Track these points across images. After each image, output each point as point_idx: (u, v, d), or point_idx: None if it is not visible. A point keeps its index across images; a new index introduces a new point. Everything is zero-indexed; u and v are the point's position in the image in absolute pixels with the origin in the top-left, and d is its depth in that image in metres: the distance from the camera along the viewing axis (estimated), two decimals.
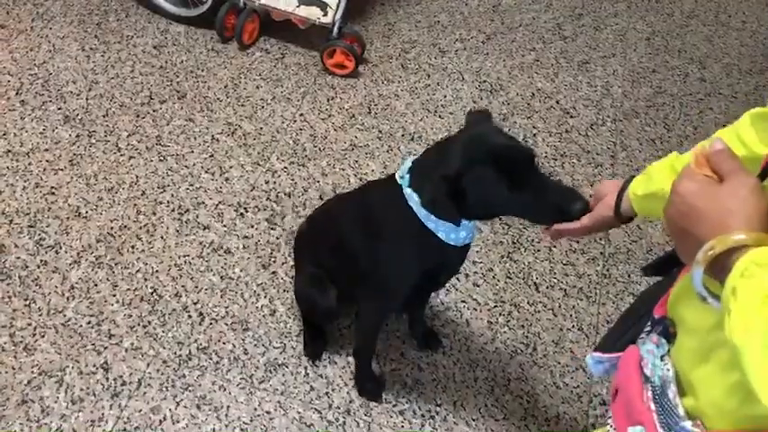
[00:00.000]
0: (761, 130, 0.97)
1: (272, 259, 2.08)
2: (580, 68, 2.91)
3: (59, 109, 2.48)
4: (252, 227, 2.17)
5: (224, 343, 1.88)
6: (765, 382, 0.60)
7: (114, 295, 1.96)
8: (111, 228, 2.13)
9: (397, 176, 1.40)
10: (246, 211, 2.21)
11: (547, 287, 2.09)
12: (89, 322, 1.89)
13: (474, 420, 1.78)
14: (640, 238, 2.26)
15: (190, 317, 1.93)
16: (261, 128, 2.49)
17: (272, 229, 2.17)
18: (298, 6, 2.69)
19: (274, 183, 2.30)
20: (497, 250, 2.17)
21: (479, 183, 1.24)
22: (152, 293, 1.97)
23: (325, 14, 2.67)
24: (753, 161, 0.94)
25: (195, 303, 1.96)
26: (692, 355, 0.81)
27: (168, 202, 2.22)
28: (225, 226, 2.16)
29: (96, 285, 1.98)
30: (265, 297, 1.99)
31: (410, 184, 1.36)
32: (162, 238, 2.11)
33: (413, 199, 1.35)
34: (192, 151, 2.39)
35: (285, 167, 2.36)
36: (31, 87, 2.55)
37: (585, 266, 2.16)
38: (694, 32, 3.20)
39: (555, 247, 2.21)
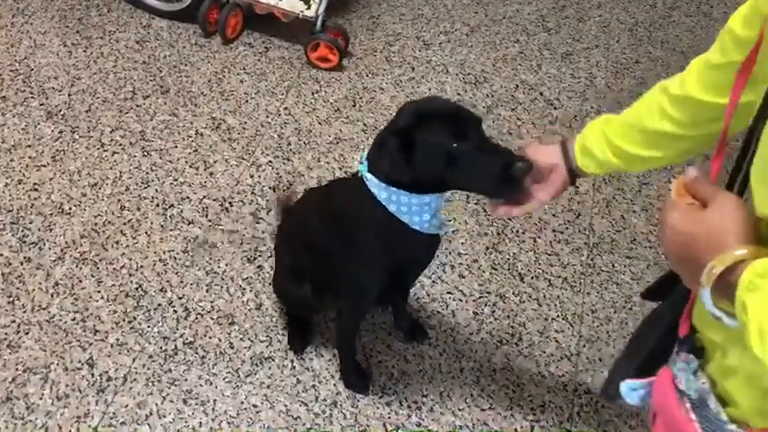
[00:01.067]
0: (704, 77, 1.01)
1: (258, 253, 2.08)
2: (564, 60, 2.92)
3: (42, 105, 2.46)
4: (237, 221, 2.16)
5: (210, 337, 1.88)
6: None
7: (99, 291, 1.95)
8: (95, 224, 2.12)
9: (356, 165, 1.42)
10: (231, 206, 2.20)
11: (532, 278, 2.10)
12: (74, 319, 1.88)
13: (460, 410, 1.79)
14: (624, 228, 2.28)
15: (175, 312, 1.92)
16: (245, 122, 2.49)
17: (257, 223, 2.17)
18: (281, 0, 2.69)
19: (259, 177, 2.30)
20: (482, 241, 2.18)
21: (426, 138, 1.28)
22: (137, 289, 1.97)
23: (309, 8, 2.67)
24: (685, 101, 1.02)
25: (180, 298, 1.95)
26: (721, 368, 0.83)
27: (152, 197, 2.21)
28: (210, 221, 2.16)
29: (81, 282, 1.97)
30: (251, 291, 1.99)
31: (368, 168, 1.37)
32: (146, 233, 2.11)
33: (373, 182, 1.36)
34: (176, 146, 2.38)
35: (270, 161, 2.35)
36: (12, 83, 2.53)
37: (570, 256, 2.18)
38: (677, 23, 3.22)
39: (539, 237, 2.22)
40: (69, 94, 2.52)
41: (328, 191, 1.68)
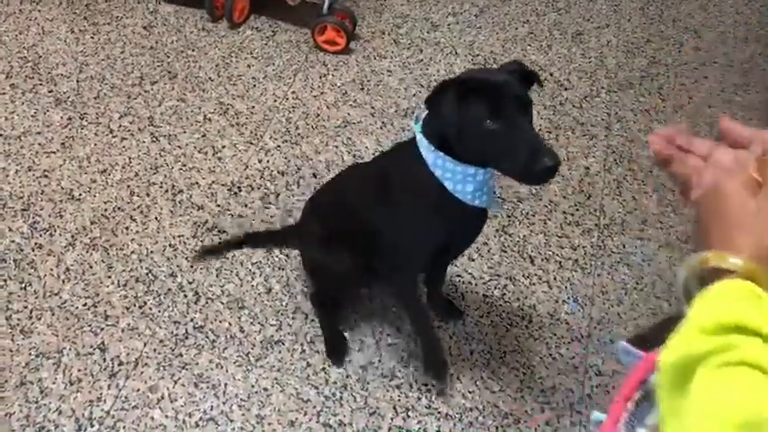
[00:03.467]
0: None
1: None
2: (574, 40, 2.89)
3: (50, 92, 2.47)
4: (245, 206, 2.16)
5: (220, 321, 1.89)
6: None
7: (110, 277, 1.96)
8: (105, 210, 2.13)
9: (412, 123, 1.42)
10: (240, 191, 2.20)
11: (542, 260, 2.09)
12: (85, 304, 1.90)
13: (470, 393, 1.79)
14: (635, 209, 2.26)
15: (185, 296, 1.93)
16: (253, 106, 2.48)
17: (266, 207, 2.16)
18: None
19: (267, 161, 2.30)
20: (492, 224, 2.17)
21: (466, 107, 1.28)
22: (147, 274, 1.97)
23: None
24: None
25: (191, 283, 1.96)
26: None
27: (161, 182, 2.21)
28: (219, 205, 2.16)
29: (91, 267, 1.98)
30: (261, 275, 1.99)
31: (422, 129, 1.39)
32: (156, 218, 2.11)
33: (423, 144, 1.38)
34: (185, 131, 2.38)
35: (278, 146, 2.35)
36: (20, 71, 2.53)
37: (580, 238, 2.16)
38: (689, 1, 3.17)
39: (549, 220, 2.21)
40: (78, 81, 2.52)
41: (374, 160, 1.70)
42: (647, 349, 1.01)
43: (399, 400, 1.76)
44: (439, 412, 1.75)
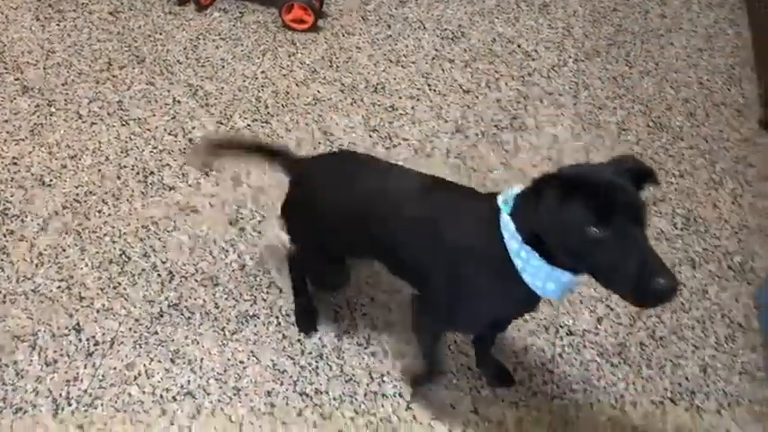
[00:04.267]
0: None
1: (240, 216, 2.09)
2: (541, 11, 2.91)
3: (17, 80, 2.46)
4: (217, 185, 2.17)
5: (195, 299, 1.90)
6: None
7: (83, 259, 1.97)
8: (77, 194, 2.13)
9: (499, 200, 1.24)
10: (211, 170, 2.21)
11: None
12: (59, 287, 1.90)
13: (445, 356, 1.81)
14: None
15: (159, 276, 1.94)
16: (222, 87, 2.48)
17: (237, 186, 2.17)
18: None
19: None
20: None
21: (571, 204, 1.09)
22: (120, 255, 1.98)
23: None
24: None
25: (164, 262, 1.97)
26: None
27: (132, 165, 2.22)
28: (190, 186, 2.17)
29: (64, 251, 1.98)
30: (234, 252, 2.01)
31: (512, 211, 1.21)
32: (128, 201, 2.12)
33: (508, 228, 1.20)
34: (154, 114, 2.38)
35: (248, 125, 2.36)
36: None
37: None
38: None
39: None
40: (44, 68, 2.51)
41: (431, 193, 1.40)
42: None
43: (374, 366, 1.79)
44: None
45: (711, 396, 1.79)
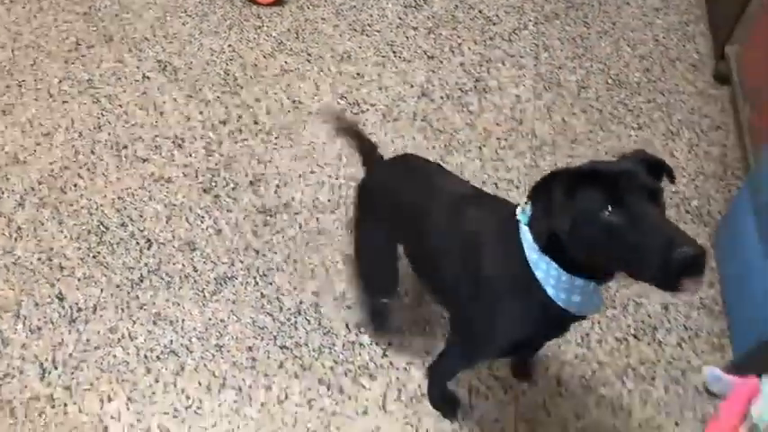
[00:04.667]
0: None
1: (213, 183, 2.14)
2: None
3: None
4: (190, 155, 2.22)
5: (173, 264, 1.95)
6: None
7: (62, 231, 2.01)
8: (52, 170, 2.16)
9: (518, 211, 1.25)
10: (184, 142, 2.26)
11: (479, 183, 2.20)
12: (39, 258, 1.95)
13: (419, 306, 1.89)
14: (565, 130, 2.37)
15: (137, 243, 1.99)
16: (191, 62, 2.52)
17: (209, 156, 2.22)
18: None
19: (209, 113, 2.35)
20: (430, 155, 2.26)
21: (580, 192, 1.08)
22: (98, 226, 2.03)
23: None
24: None
25: (142, 231, 2.02)
26: None
27: (105, 140, 2.25)
28: (164, 157, 2.21)
29: (43, 224, 2.02)
30: (210, 218, 2.06)
31: (528, 221, 1.20)
32: (103, 174, 2.16)
33: (526, 238, 1.20)
34: (125, 91, 2.41)
35: (218, 97, 2.40)
36: None
37: (514, 160, 2.27)
38: None
39: (485, 146, 2.31)
40: (12, 51, 2.53)
41: (465, 216, 1.39)
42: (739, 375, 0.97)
43: (351, 318, 1.86)
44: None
45: (673, 331, 1.89)
